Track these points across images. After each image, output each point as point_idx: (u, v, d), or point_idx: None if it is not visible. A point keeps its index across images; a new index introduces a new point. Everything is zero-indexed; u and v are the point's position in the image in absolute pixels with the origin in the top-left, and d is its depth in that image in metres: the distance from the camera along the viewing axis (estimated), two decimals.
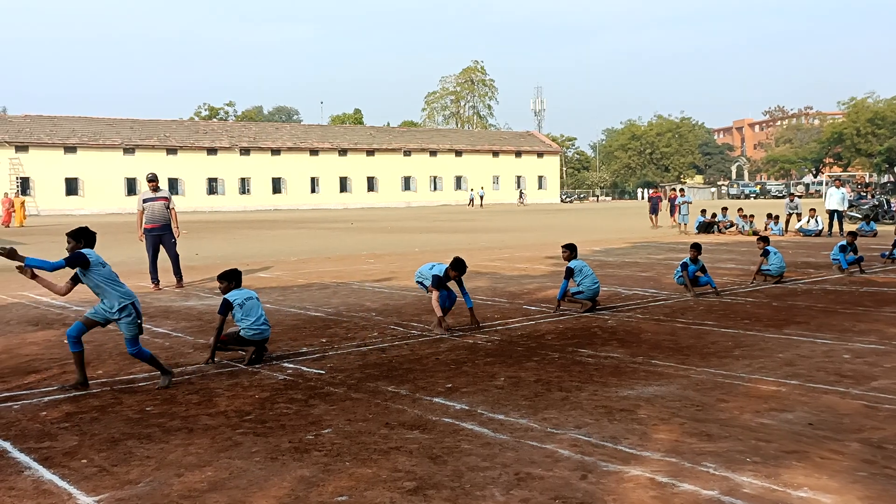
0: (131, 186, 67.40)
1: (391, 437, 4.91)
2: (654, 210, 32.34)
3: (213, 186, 71.73)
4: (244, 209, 68.61)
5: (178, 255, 13.25)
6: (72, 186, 65.80)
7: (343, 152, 77.82)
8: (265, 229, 34.50)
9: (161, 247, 13.05)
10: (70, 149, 65.97)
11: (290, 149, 75.26)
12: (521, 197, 78.30)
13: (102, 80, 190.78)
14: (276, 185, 74.48)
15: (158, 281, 12.98)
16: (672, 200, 31.58)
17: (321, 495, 3.97)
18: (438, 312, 8.35)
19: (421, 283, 9.04)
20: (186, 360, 7.30)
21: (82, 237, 6.34)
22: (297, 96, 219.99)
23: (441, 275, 8.57)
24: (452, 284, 8.83)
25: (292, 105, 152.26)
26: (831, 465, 4.30)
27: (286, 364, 7.10)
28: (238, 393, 6.09)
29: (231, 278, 7.36)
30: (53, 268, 6.08)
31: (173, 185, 68.89)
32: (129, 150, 68.23)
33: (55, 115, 71.23)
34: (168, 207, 13.03)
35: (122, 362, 7.25)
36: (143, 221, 12.96)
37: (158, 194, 13.06)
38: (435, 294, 8.38)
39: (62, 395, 6.09)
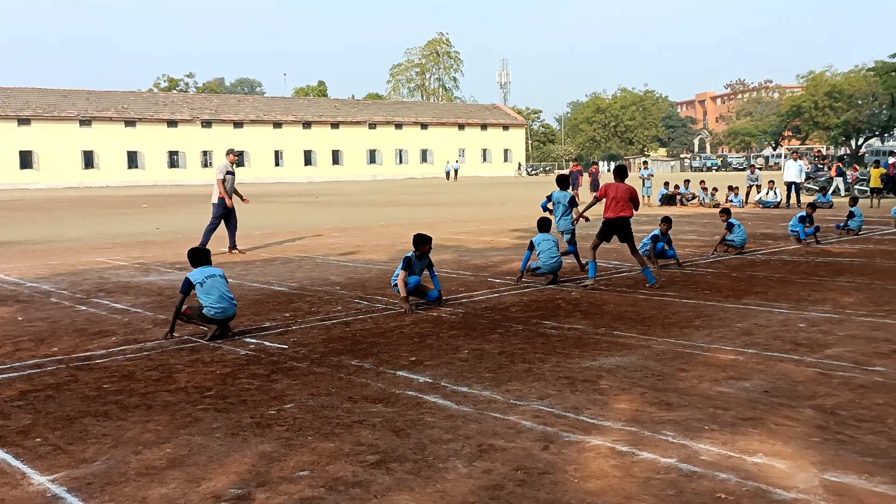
0: (88, 159, 66.05)
1: (354, 410, 4.90)
2: (574, 185, 29.78)
3: (174, 160, 70.52)
4: (207, 182, 67.55)
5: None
6: (26, 160, 64.12)
7: (307, 125, 76.96)
8: None
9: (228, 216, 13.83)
10: (24, 121, 64.18)
11: (252, 121, 74.21)
12: (453, 173, 71.20)
13: (57, 50, 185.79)
14: (240, 159, 73.11)
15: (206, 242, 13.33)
16: (594, 175, 29.03)
17: (282, 470, 3.95)
18: (403, 293, 8.29)
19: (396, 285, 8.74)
20: (146, 336, 7.20)
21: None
22: (259, 68, 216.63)
23: (412, 256, 8.44)
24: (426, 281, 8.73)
25: (255, 77, 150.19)
26: (786, 431, 4.39)
27: (248, 339, 7.03)
28: (199, 369, 6.02)
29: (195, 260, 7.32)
30: None
31: (132, 158, 67.68)
32: (85, 122, 66.66)
33: (8, 86, 69.25)
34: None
35: (79, 339, 7.12)
36: (224, 192, 13.68)
37: (236, 168, 14.07)
38: (402, 275, 8.29)
39: (16, 374, 5.97)
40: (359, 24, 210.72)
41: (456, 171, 70.43)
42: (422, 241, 8.43)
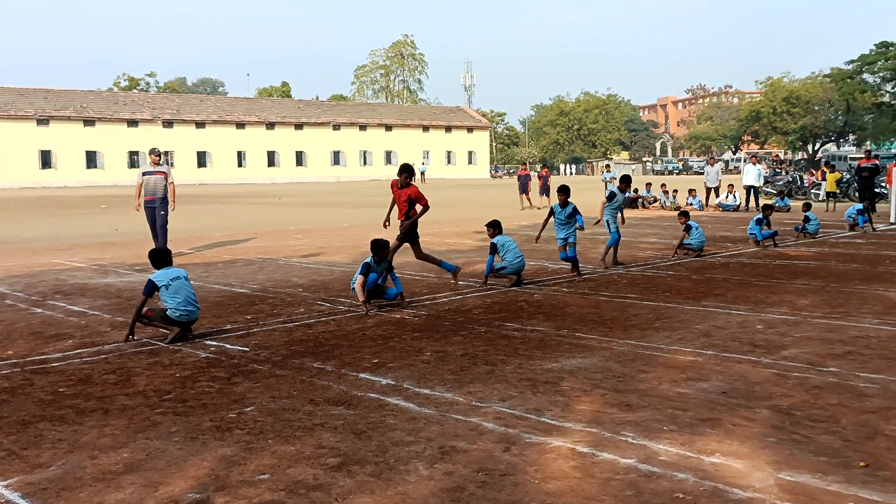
0: (46, 159, 64.80)
1: (316, 413, 4.87)
2: (524, 189, 28.46)
3: (133, 160, 69.40)
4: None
5: (166, 229, 13.60)
6: None
7: (270, 126, 76.36)
8: (190, 204, 33.63)
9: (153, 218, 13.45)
10: None
11: (215, 122, 73.41)
12: (420, 175, 68.66)
13: (13, 48, 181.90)
14: (201, 159, 72.66)
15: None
16: (544, 178, 28.71)
17: (242, 474, 3.91)
18: (361, 297, 8.25)
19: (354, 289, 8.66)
20: (103, 339, 7.08)
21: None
22: (222, 68, 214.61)
23: (370, 262, 8.42)
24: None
25: (217, 77, 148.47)
26: (742, 431, 4.46)
27: (209, 342, 6.95)
28: (158, 372, 5.94)
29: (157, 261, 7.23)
30: None
31: (91, 158, 66.55)
32: (42, 122, 65.36)
33: None
34: (167, 181, 13.46)
35: (34, 342, 6.98)
36: (143, 194, 13.39)
37: (158, 168, 13.49)
38: (360, 279, 8.25)
39: None
40: (323, 25, 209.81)
41: (423, 173, 70.22)
42: (379, 247, 8.40)
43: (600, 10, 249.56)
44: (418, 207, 9.85)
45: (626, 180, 11.53)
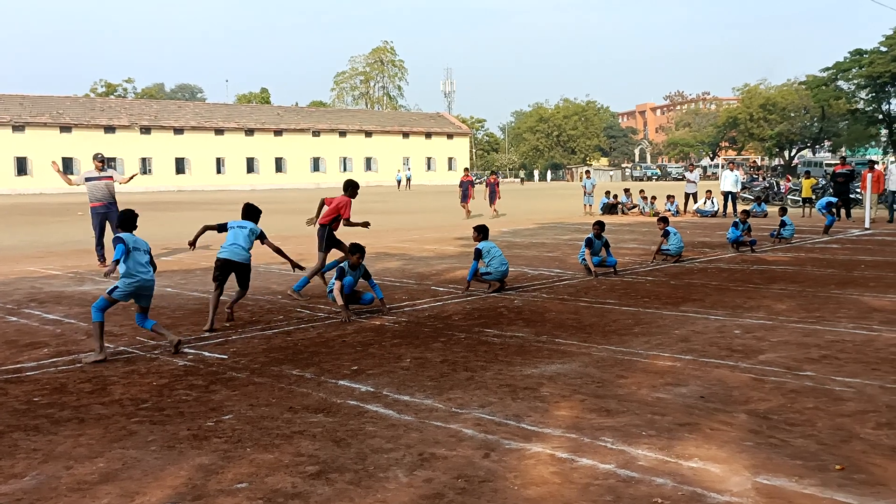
0: (21, 166, 64.11)
1: (294, 421, 4.84)
2: (465, 196, 27.01)
3: (111, 166, 68.61)
4: (145, 190, 66.13)
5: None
6: None
7: (250, 132, 76.02)
8: (168, 211, 33.42)
9: (107, 224, 13.16)
10: None
11: (193, 128, 72.97)
12: (405, 181, 69.66)
13: None
14: (180, 166, 72.19)
15: (105, 258, 12.88)
16: (491, 185, 27.45)
17: (220, 483, 3.88)
18: (340, 301, 8.23)
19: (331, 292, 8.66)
20: (79, 348, 6.99)
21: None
22: (200, 74, 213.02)
23: (345, 266, 8.42)
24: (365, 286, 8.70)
25: (196, 83, 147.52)
26: (720, 435, 4.49)
27: (187, 349, 6.89)
28: (134, 380, 5.88)
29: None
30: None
31: (68, 164, 65.77)
32: (18, 128, 64.67)
33: None
34: (113, 184, 13.37)
35: (8, 351, 6.89)
36: (89, 200, 13.24)
37: (104, 173, 13.30)
38: (338, 285, 8.23)
39: None
40: (302, 31, 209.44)
41: (408, 179, 69.98)
42: (351, 251, 8.39)
43: (579, 18, 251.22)
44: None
45: (599, 225, 11.49)
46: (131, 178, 14.16)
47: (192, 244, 8.36)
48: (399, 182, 70.45)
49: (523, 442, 4.42)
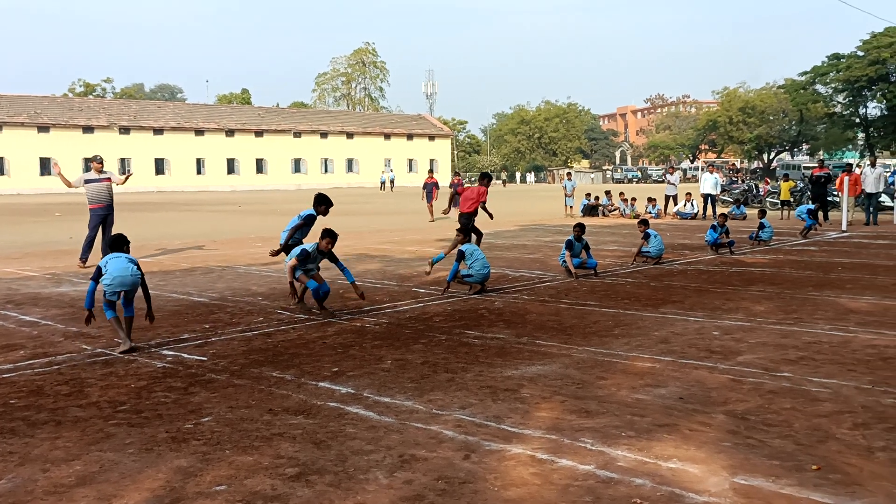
0: None
1: (274, 423, 4.82)
2: (430, 198, 26.27)
3: (89, 167, 68.15)
4: (125, 191, 65.46)
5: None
6: None
7: (230, 133, 75.58)
8: (147, 212, 33.20)
9: (101, 226, 13.39)
10: None
11: (173, 128, 72.44)
12: (389, 183, 68.80)
13: None
14: (159, 166, 71.63)
15: (87, 260, 12.93)
16: (455, 186, 27.59)
17: (199, 485, 3.86)
18: (290, 278, 8.27)
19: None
20: (56, 350, 6.93)
21: None
22: (180, 74, 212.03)
23: (310, 250, 8.38)
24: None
25: (176, 83, 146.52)
26: (699, 436, 4.52)
27: (165, 351, 6.85)
28: (112, 382, 5.83)
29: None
30: None
31: (45, 165, 65.14)
32: None
33: None
34: (112, 185, 13.59)
35: None
36: (88, 202, 13.41)
37: (103, 175, 13.51)
38: (294, 262, 8.25)
39: None
40: (283, 32, 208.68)
41: (392, 181, 69.57)
42: (322, 236, 8.38)
43: (560, 21, 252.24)
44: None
45: (580, 227, 11.55)
46: (127, 178, 14.30)
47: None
48: (383, 184, 70.20)
49: (503, 443, 4.43)
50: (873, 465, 4.07)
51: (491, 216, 14.33)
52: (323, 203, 9.93)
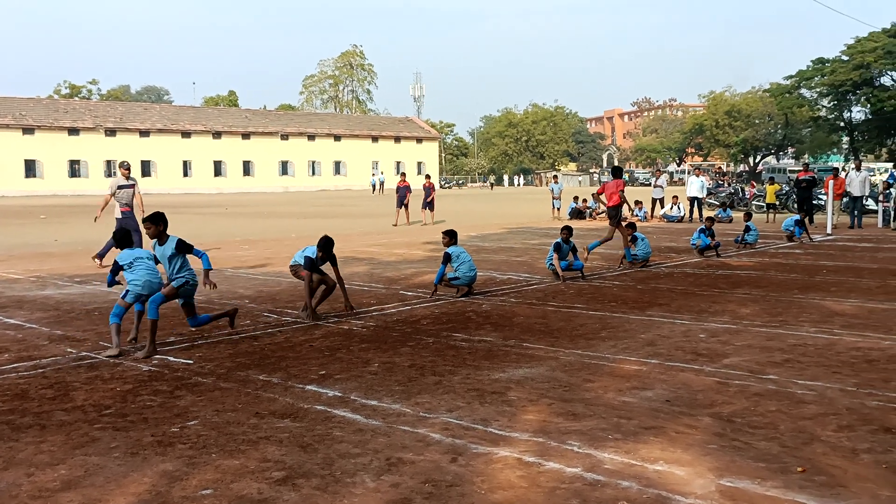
0: None
1: (261, 426, 4.81)
2: (402, 202, 25.59)
3: (75, 169, 67.80)
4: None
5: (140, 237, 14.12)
6: None
7: (217, 135, 75.30)
8: None
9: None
10: None
11: (160, 130, 72.14)
12: (379, 185, 67.57)
13: None
14: (146, 168, 71.20)
15: (103, 257, 13.34)
16: (428, 190, 26.07)
17: (185, 489, 3.84)
18: (307, 291, 8.25)
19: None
20: (41, 353, 6.88)
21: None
22: (167, 76, 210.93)
23: (313, 256, 8.39)
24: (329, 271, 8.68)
25: (162, 85, 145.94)
26: (685, 438, 4.54)
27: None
28: (97, 386, 5.79)
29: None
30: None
31: (30, 166, 64.79)
32: None
33: None
34: (135, 193, 14.01)
35: None
36: (119, 206, 13.74)
37: (130, 181, 13.99)
38: (305, 272, 8.24)
39: None
40: (271, 34, 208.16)
41: (382, 183, 69.19)
42: (321, 247, 8.34)
43: (548, 24, 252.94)
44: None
45: (568, 230, 11.60)
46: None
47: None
48: (374, 186, 69.94)
49: (490, 446, 4.43)
50: (858, 467, 4.10)
51: (630, 207, 15.83)
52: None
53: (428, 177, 27.85)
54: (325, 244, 8.36)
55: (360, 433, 4.66)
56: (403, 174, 27.57)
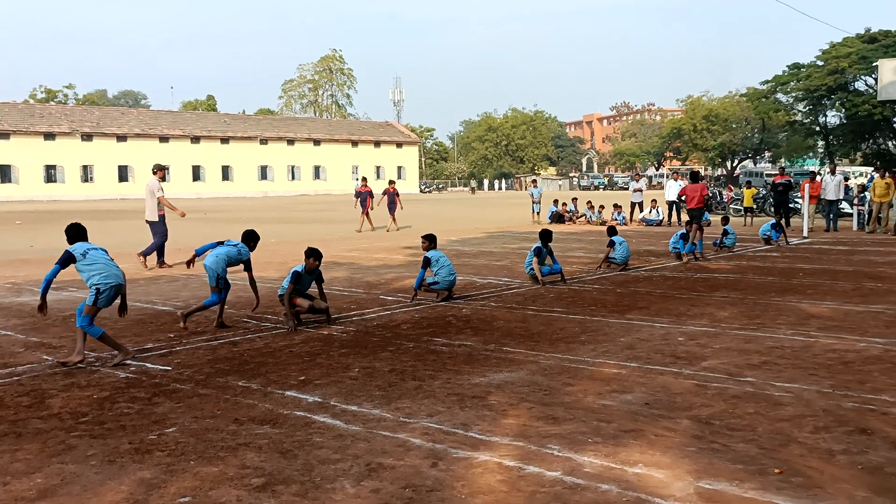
0: None
1: (240, 433, 4.78)
2: (364, 207, 24.73)
3: (51, 174, 67.14)
4: (87, 198, 64.68)
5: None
6: None
7: (196, 140, 74.88)
8: (110, 219, 32.71)
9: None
10: None
11: (137, 135, 71.60)
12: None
13: None
14: (123, 174, 70.71)
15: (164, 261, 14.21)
16: (390, 195, 25.22)
17: (162, 497, 3.80)
18: (287, 308, 8.19)
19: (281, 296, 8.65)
20: (16, 361, 6.80)
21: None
22: (145, 80, 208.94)
23: (301, 271, 8.36)
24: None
25: (140, 89, 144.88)
26: (664, 441, 4.57)
27: (129, 361, 6.74)
28: (74, 393, 5.73)
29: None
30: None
31: (5, 172, 64.07)
32: None
33: None
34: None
35: None
36: (158, 209, 14.55)
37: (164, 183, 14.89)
38: (290, 288, 8.20)
39: None
40: (249, 39, 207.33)
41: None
42: (309, 255, 8.35)
43: (527, 29, 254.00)
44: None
45: (546, 234, 11.57)
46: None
47: None
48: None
49: (471, 451, 4.43)
50: (834, 469, 4.14)
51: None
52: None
53: (391, 182, 27.17)
54: (248, 236, 8.93)
55: (339, 439, 4.64)
56: (364, 179, 27.10)
